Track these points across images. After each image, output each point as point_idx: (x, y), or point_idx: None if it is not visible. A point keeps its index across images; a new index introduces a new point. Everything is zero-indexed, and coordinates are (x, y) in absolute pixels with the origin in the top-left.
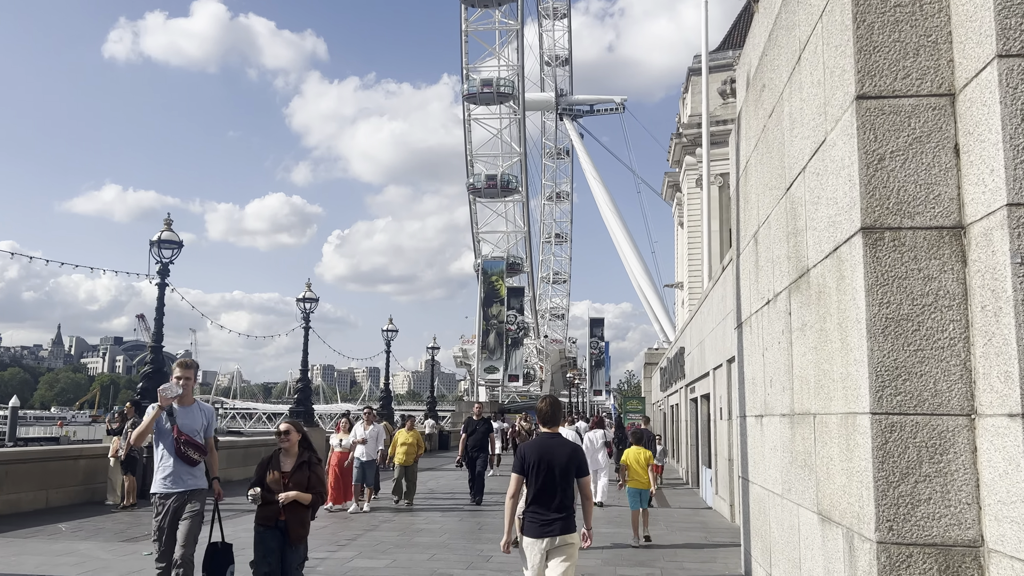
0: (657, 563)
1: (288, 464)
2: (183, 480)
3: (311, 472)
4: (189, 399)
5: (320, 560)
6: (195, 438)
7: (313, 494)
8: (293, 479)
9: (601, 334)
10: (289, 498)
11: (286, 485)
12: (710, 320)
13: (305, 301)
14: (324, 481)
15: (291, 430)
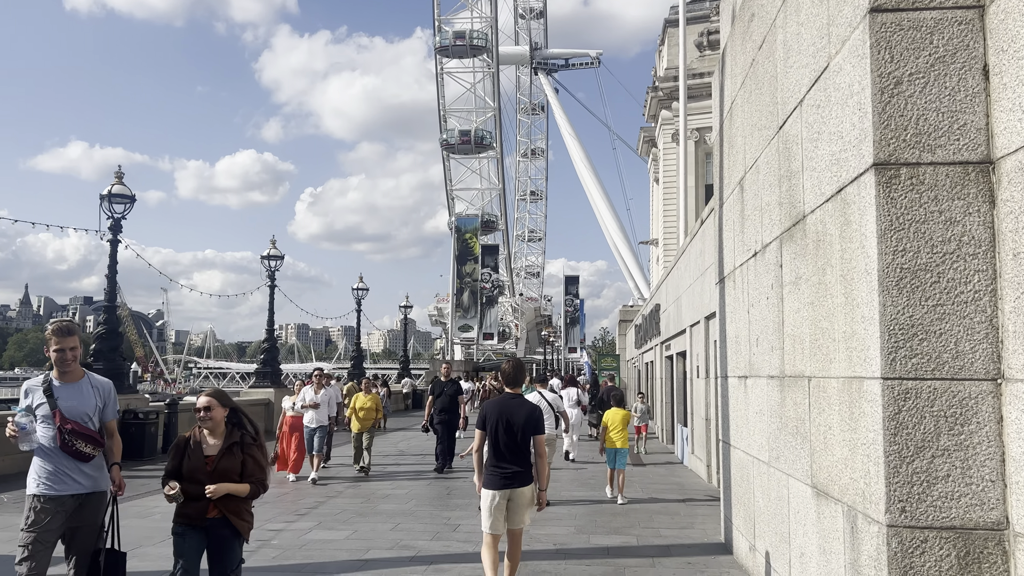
0: (632, 530)
1: (213, 446)
2: (72, 481)
3: (245, 455)
4: (76, 373)
5: (276, 532)
6: (85, 425)
7: (251, 483)
8: (221, 465)
9: (576, 292)
10: (219, 492)
11: (211, 473)
12: (687, 276)
13: (270, 259)
14: (264, 465)
15: (212, 405)
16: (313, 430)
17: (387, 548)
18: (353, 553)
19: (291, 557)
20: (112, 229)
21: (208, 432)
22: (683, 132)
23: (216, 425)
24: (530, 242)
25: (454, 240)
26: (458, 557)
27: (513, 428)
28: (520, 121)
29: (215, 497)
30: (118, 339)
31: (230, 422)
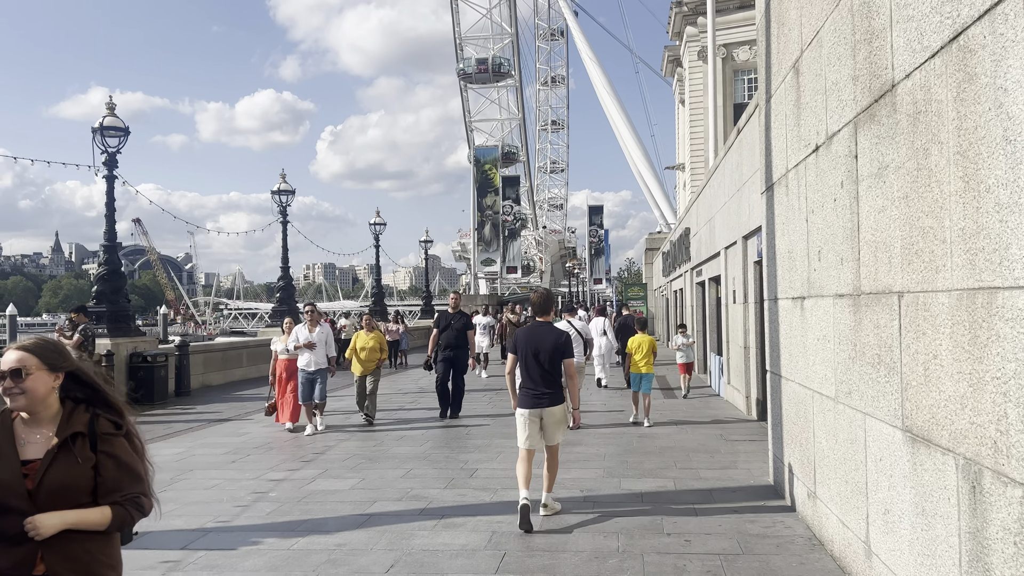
0: (668, 472)
1: (38, 443)
2: None
3: (101, 455)
4: None
5: (275, 482)
6: None
7: (114, 506)
8: (52, 479)
9: (600, 222)
10: (47, 529)
11: (35, 494)
12: (721, 194)
13: (281, 193)
14: (140, 470)
15: (28, 365)
16: (312, 375)
17: (395, 499)
18: (357, 506)
19: (287, 513)
20: (107, 164)
21: (27, 419)
22: (711, 45)
23: (38, 404)
24: (552, 173)
25: (473, 172)
26: (473, 509)
27: (542, 353)
28: (539, 48)
29: (42, 537)
30: (121, 280)
31: (69, 396)
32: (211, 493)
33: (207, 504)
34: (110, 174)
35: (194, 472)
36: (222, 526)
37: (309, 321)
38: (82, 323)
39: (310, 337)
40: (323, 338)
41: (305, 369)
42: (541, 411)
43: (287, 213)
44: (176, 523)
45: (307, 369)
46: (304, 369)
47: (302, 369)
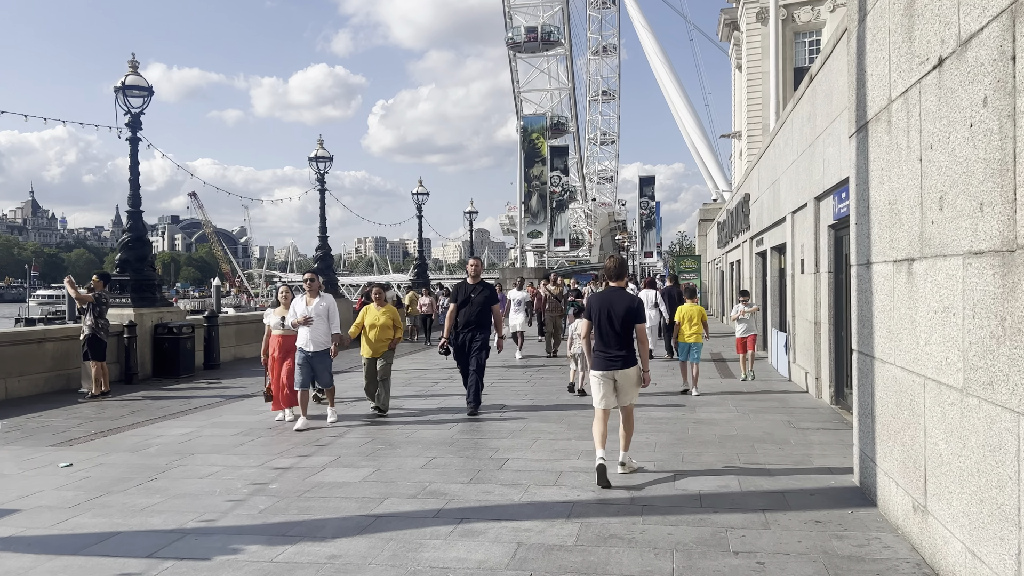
0: (731, 467)
1: None
2: None
3: None
4: None
5: (280, 471)
6: None
7: None
8: None
9: (652, 194)
10: None
11: None
12: (787, 153)
13: (318, 160)
14: None
15: None
16: (309, 356)
17: (409, 495)
18: (363, 504)
19: (283, 511)
20: (131, 126)
21: None
22: (774, 4)
23: None
24: (603, 145)
25: (520, 141)
26: (498, 511)
27: (615, 318)
28: (590, 16)
29: None
30: (146, 248)
31: None
32: (205, 483)
33: (196, 498)
34: (133, 136)
35: (194, 457)
36: (204, 527)
37: (308, 291)
38: (99, 290)
39: (307, 311)
40: (324, 312)
41: (303, 349)
42: (614, 373)
43: (324, 180)
44: (154, 521)
45: (305, 349)
46: (301, 349)
47: (300, 349)
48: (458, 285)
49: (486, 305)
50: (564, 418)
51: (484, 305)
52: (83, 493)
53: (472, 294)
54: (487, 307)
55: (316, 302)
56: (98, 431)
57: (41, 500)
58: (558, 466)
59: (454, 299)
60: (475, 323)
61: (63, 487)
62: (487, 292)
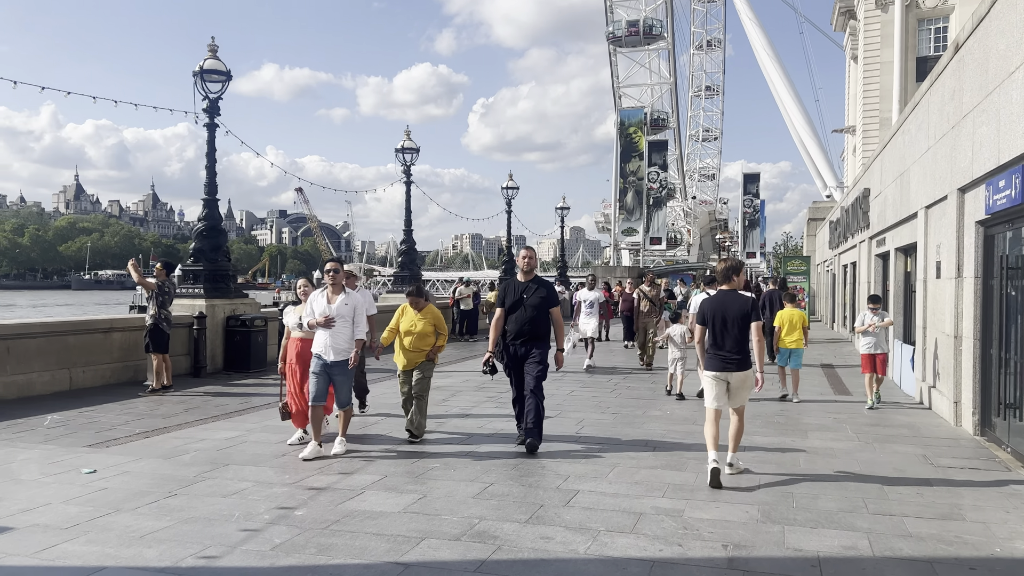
0: (858, 519)
1: None
2: None
3: None
4: None
5: (314, 493)
6: None
7: None
8: None
9: (756, 191)
10: None
11: None
12: (920, 140)
13: (404, 152)
14: None
15: None
16: (328, 366)
17: (451, 537)
18: (396, 545)
19: (301, 548)
20: (208, 112)
21: None
22: None
23: None
24: (705, 142)
25: (617, 136)
26: (556, 569)
27: (729, 319)
28: (694, 10)
29: None
30: (220, 237)
31: None
32: (226, 504)
33: (209, 523)
34: (211, 122)
35: (227, 469)
36: (201, 566)
37: (331, 285)
38: (161, 279)
39: (328, 309)
40: (349, 312)
41: (320, 356)
42: (728, 375)
43: (411, 172)
44: (148, 555)
45: (323, 356)
46: (319, 356)
47: (316, 356)
48: (507, 283)
49: (543, 308)
50: (651, 440)
51: (540, 308)
52: (90, 509)
53: (524, 294)
54: (544, 311)
55: (340, 300)
56: (142, 431)
57: (42, 516)
58: (638, 505)
59: (500, 301)
60: (529, 332)
61: (73, 500)
62: (544, 292)
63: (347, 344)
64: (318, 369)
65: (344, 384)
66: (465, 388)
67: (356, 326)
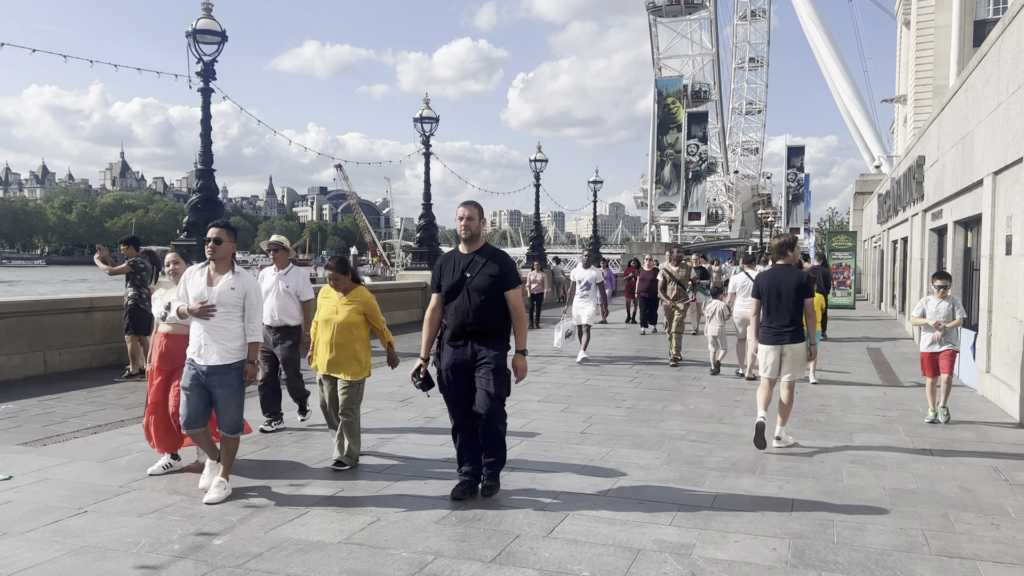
0: (919, 558)
1: None
2: None
3: None
4: None
5: (250, 512)
6: None
7: None
8: None
9: (800, 165)
10: None
11: None
12: (988, 96)
13: (423, 121)
14: None
15: None
16: (204, 375)
17: None
18: None
19: None
20: (203, 75)
21: None
22: None
23: None
24: (748, 115)
25: (654, 107)
26: None
27: (784, 294)
28: None
29: None
30: (216, 209)
31: None
32: (137, 527)
33: (103, 555)
34: (206, 86)
35: (163, 477)
36: None
37: (213, 261)
38: (131, 256)
39: (204, 293)
40: (236, 299)
41: (194, 362)
42: (782, 347)
43: (430, 143)
44: None
45: (197, 362)
46: (192, 362)
47: (190, 361)
48: (443, 258)
49: (495, 292)
50: (667, 442)
51: (491, 292)
52: None
53: (468, 272)
54: (496, 295)
55: (225, 281)
56: (93, 425)
57: None
58: (638, 536)
59: (435, 283)
60: (474, 327)
61: None
62: (495, 268)
63: (233, 343)
64: (189, 382)
65: (228, 402)
66: None
67: (248, 322)
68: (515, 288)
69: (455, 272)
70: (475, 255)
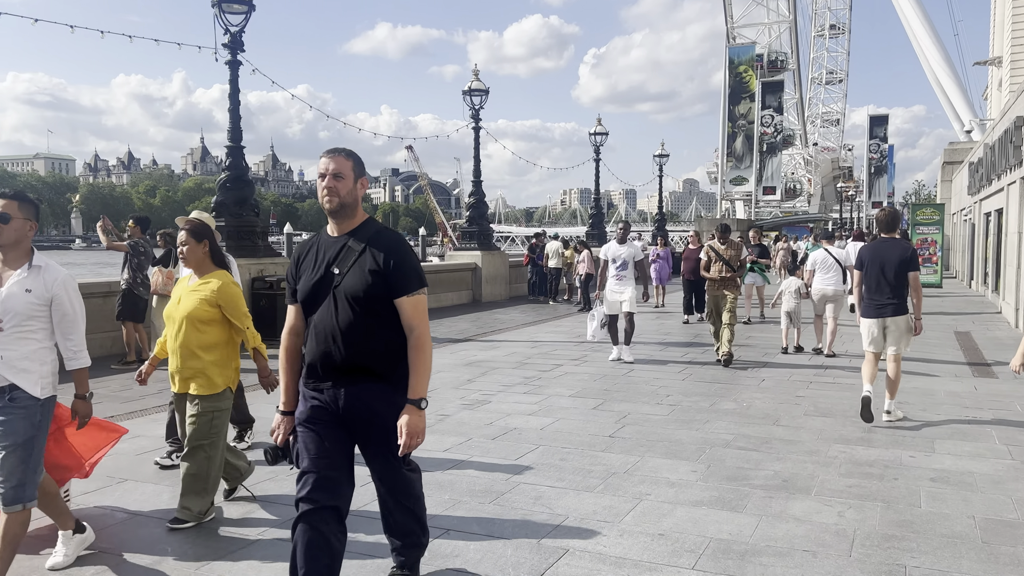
0: None
1: None
2: None
3: None
4: None
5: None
6: None
7: None
8: None
9: (884, 135)
10: None
11: None
12: None
13: (472, 94)
14: None
15: None
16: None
17: None
18: None
19: None
20: (230, 47)
21: None
22: None
23: None
24: (828, 85)
25: (725, 75)
26: None
27: (887, 266)
28: None
29: None
30: (246, 189)
31: None
32: None
33: None
34: (233, 58)
35: (110, 489)
36: None
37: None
38: (135, 237)
39: None
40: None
41: None
42: (884, 320)
43: (479, 116)
44: None
45: None
46: None
47: None
48: (301, 245)
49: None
50: (708, 449)
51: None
52: None
53: (336, 267)
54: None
55: (15, 280)
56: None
57: None
58: None
59: (290, 287)
60: (346, 356)
61: None
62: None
63: (29, 364)
64: None
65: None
66: (504, 364)
67: (65, 339)
68: (414, 294)
69: (316, 267)
70: (349, 239)
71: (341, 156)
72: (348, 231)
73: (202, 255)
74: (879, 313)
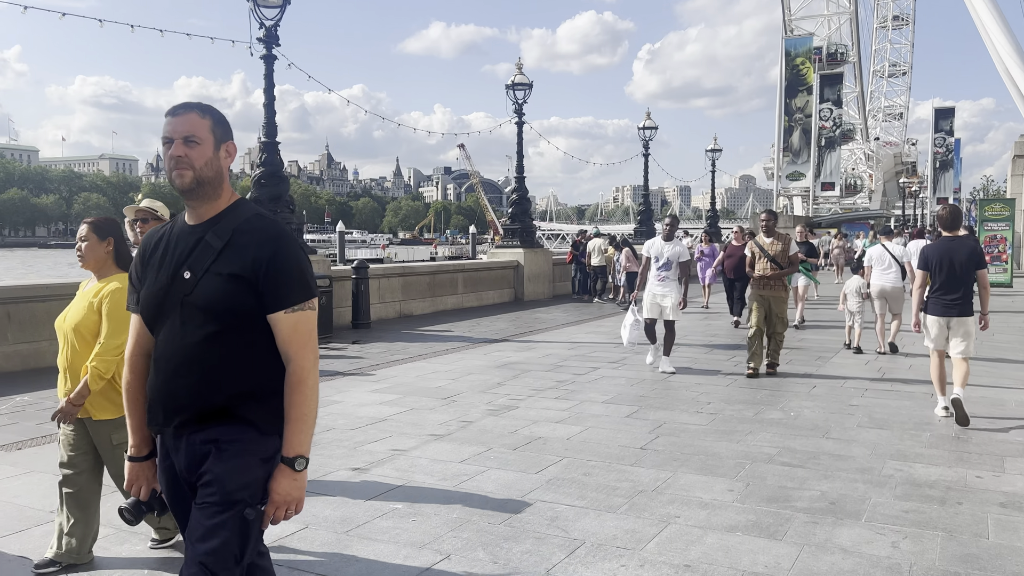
0: None
1: None
2: None
3: None
4: None
5: None
6: None
7: None
8: None
9: (950, 128)
10: None
11: None
12: None
13: (515, 88)
14: None
15: None
16: None
17: None
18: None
19: None
20: (265, 41)
21: None
22: None
23: None
24: (891, 78)
25: (782, 68)
26: None
27: (956, 265)
28: None
29: None
30: (281, 185)
31: None
32: None
33: None
34: (268, 53)
35: None
36: None
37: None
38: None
39: None
40: None
41: None
42: (949, 319)
43: (523, 111)
44: None
45: None
46: None
47: None
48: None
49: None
50: (748, 463)
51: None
52: None
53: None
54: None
55: None
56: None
57: None
58: None
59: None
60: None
61: None
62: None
63: None
64: None
65: None
66: (538, 366)
67: None
68: (295, 309)
69: (163, 268)
70: (207, 231)
71: (195, 113)
72: (208, 218)
73: (104, 255)
74: (946, 312)
